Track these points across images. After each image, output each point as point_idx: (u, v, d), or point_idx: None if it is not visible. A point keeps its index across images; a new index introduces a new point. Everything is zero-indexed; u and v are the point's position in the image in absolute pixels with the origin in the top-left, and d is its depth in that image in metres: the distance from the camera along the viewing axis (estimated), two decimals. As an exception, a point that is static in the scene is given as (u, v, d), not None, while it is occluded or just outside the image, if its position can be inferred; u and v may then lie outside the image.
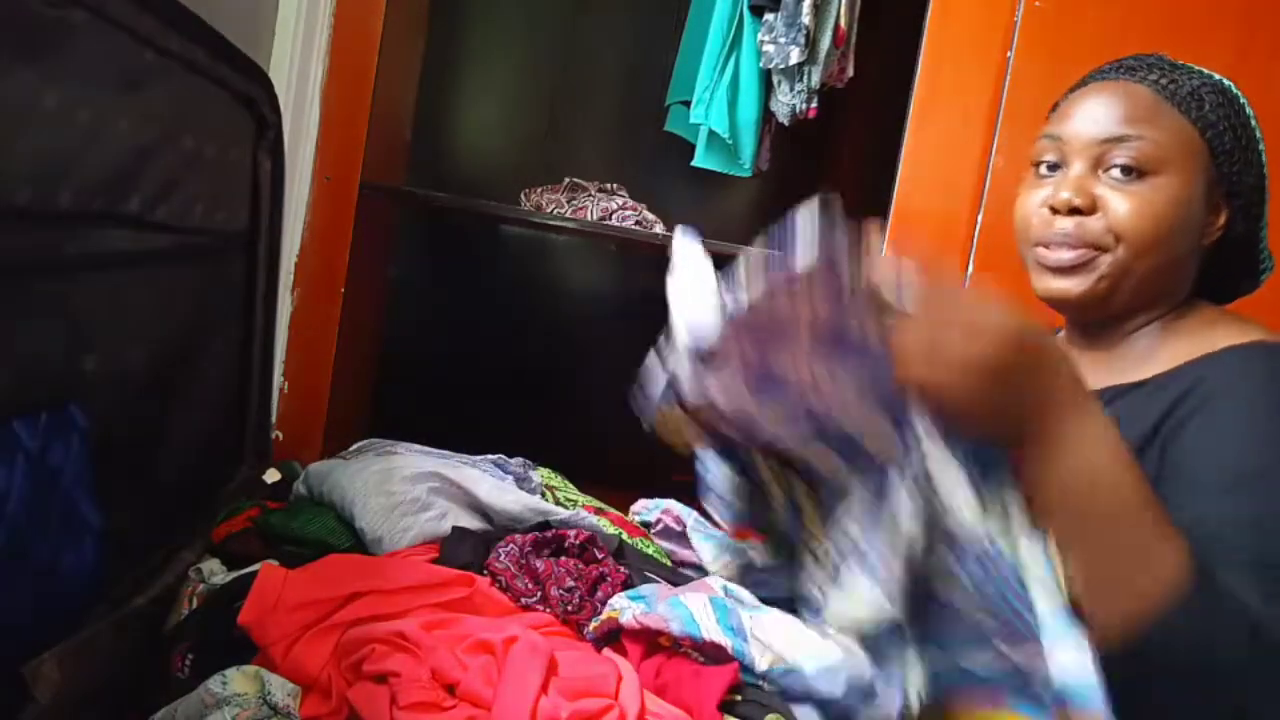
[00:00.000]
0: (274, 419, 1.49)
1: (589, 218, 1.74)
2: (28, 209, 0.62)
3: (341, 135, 1.54)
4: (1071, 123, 0.79)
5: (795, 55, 1.58)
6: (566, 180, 1.85)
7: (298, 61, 1.43)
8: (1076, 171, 0.77)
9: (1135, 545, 0.56)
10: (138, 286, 0.81)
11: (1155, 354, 0.78)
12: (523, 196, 1.83)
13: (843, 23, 1.61)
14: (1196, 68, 0.80)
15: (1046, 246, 0.78)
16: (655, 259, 2.31)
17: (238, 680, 0.56)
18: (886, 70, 1.69)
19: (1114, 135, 0.76)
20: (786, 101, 1.64)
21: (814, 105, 1.64)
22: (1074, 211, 0.76)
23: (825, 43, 1.61)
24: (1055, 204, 0.77)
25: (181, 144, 0.83)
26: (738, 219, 2.09)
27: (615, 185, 1.85)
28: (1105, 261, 0.75)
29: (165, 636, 0.74)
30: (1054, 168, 0.80)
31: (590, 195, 1.80)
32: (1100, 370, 0.80)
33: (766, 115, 1.70)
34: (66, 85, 0.63)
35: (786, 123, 1.67)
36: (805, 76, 1.62)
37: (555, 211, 1.76)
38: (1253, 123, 0.79)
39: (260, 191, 1.04)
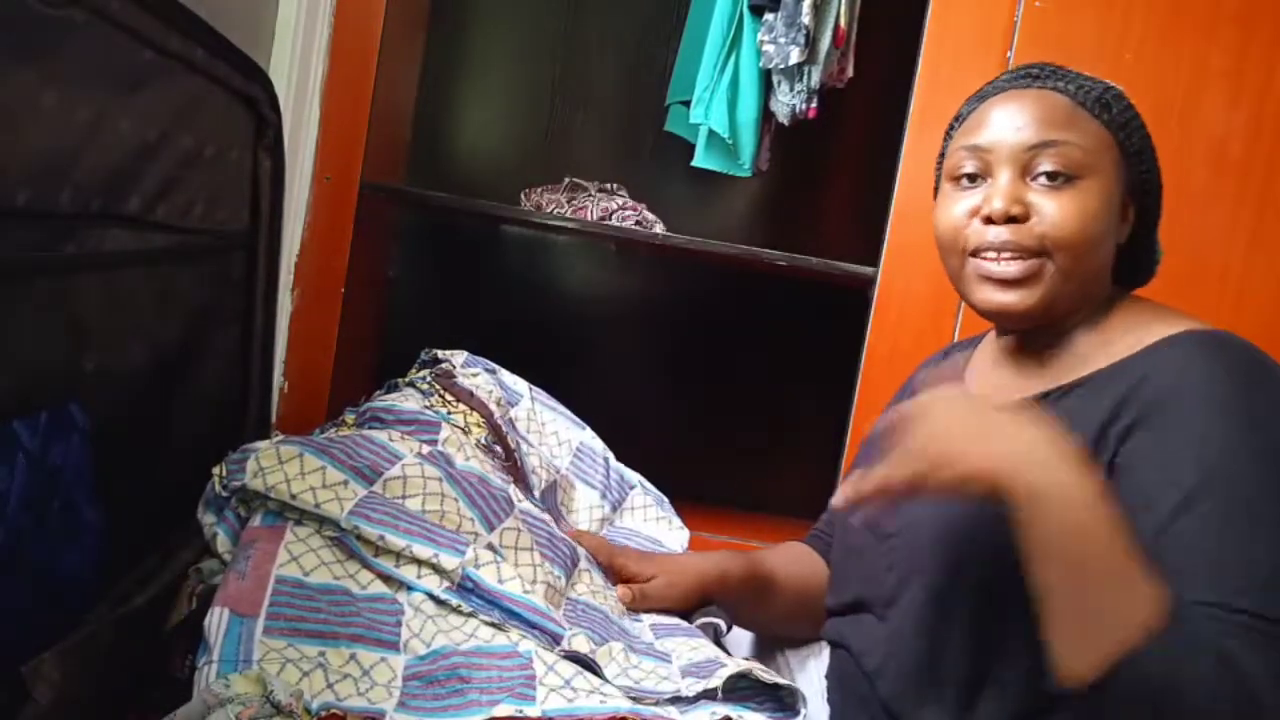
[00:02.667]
0: (274, 419, 1.49)
1: (589, 218, 1.74)
2: (28, 209, 0.62)
3: (341, 135, 1.54)
4: (992, 131, 0.78)
5: (795, 55, 1.58)
6: (566, 180, 1.85)
7: (298, 61, 1.43)
8: (1005, 180, 0.77)
9: (1115, 594, 0.59)
10: (138, 286, 0.81)
11: (1092, 352, 0.78)
12: (523, 196, 1.83)
13: (843, 23, 1.61)
14: (1089, 76, 0.81)
15: (985, 257, 0.77)
16: (655, 259, 2.32)
17: (239, 682, 0.56)
18: (886, 70, 1.70)
19: (1039, 141, 0.76)
20: (786, 101, 1.64)
21: (814, 105, 1.64)
22: (1009, 220, 0.76)
23: (825, 43, 1.61)
24: (991, 214, 0.76)
25: (181, 143, 0.83)
26: (738, 219, 2.09)
27: (615, 185, 1.85)
28: (1044, 271, 0.75)
29: (165, 636, 0.74)
30: (974, 178, 0.79)
31: (590, 195, 1.80)
32: (1039, 373, 0.81)
33: (766, 115, 1.70)
34: (66, 85, 0.63)
35: (786, 123, 1.67)
36: (805, 76, 1.62)
37: (555, 211, 1.75)
38: (1142, 122, 0.81)
39: (260, 191, 1.04)
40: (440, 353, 1.08)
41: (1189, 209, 1.49)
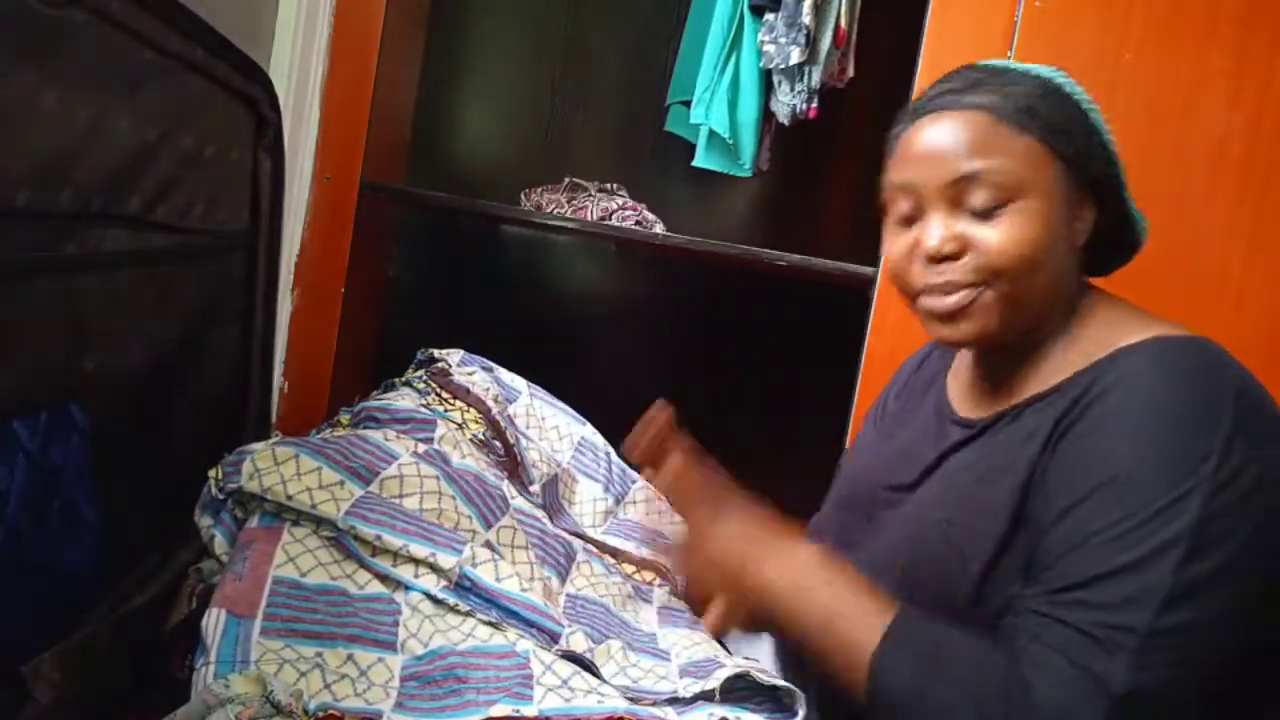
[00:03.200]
0: (274, 419, 1.49)
1: (589, 218, 1.74)
2: (28, 209, 0.62)
3: (341, 135, 1.54)
4: (916, 167, 0.77)
5: (795, 55, 1.58)
6: (566, 180, 1.85)
7: (298, 61, 1.43)
8: (937, 217, 0.75)
9: (836, 628, 0.69)
10: (138, 286, 0.81)
11: (1064, 360, 0.77)
12: (523, 196, 1.83)
13: (843, 23, 1.61)
14: (1018, 68, 0.78)
15: (930, 294, 0.77)
16: (655, 259, 2.32)
17: (239, 682, 0.56)
18: (886, 70, 1.69)
19: (963, 174, 0.73)
20: (787, 101, 1.64)
21: (814, 105, 1.64)
22: (947, 258, 0.75)
23: (825, 43, 1.61)
24: (926, 255, 0.75)
25: (181, 143, 0.83)
26: (738, 219, 2.09)
27: (615, 185, 1.85)
28: (989, 298, 0.74)
29: (165, 636, 0.74)
30: (910, 217, 0.78)
31: (590, 195, 1.80)
32: (1008, 383, 0.80)
33: (767, 115, 1.70)
34: (66, 85, 0.63)
35: (787, 123, 1.67)
36: (805, 76, 1.62)
37: (555, 211, 1.76)
38: (1085, 106, 0.77)
39: (260, 191, 1.04)
40: (436, 352, 1.08)
41: (1189, 209, 1.49)
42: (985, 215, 0.73)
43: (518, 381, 1.12)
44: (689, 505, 0.89)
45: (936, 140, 0.76)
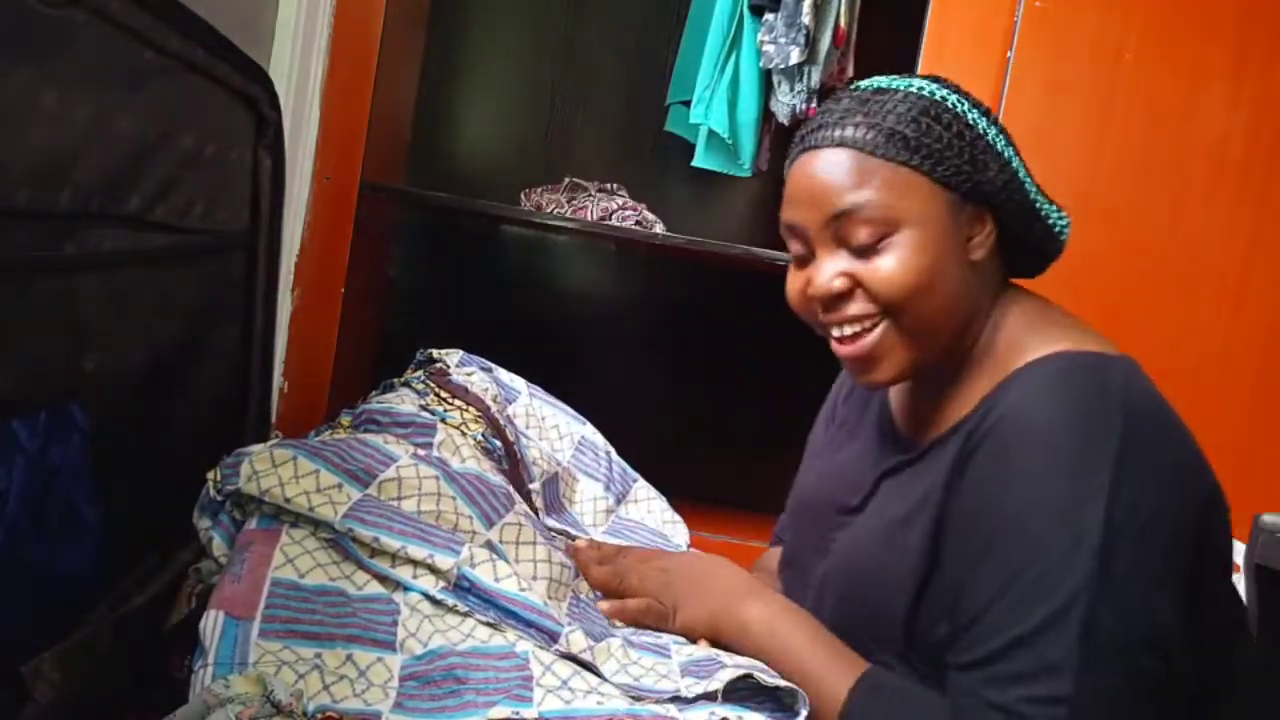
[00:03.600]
0: (274, 419, 1.49)
1: (589, 218, 1.74)
2: (28, 209, 0.62)
3: (341, 135, 1.54)
4: (797, 209, 0.75)
5: (795, 55, 1.58)
6: (566, 180, 1.85)
7: (298, 61, 1.43)
8: (824, 258, 0.74)
9: (809, 674, 0.71)
10: (138, 286, 0.81)
11: (978, 381, 0.75)
12: (523, 196, 1.83)
13: (843, 23, 1.61)
14: (897, 86, 0.76)
15: (835, 336, 0.76)
16: (655, 259, 2.32)
17: (239, 682, 0.56)
18: (886, 70, 1.69)
19: (837, 212, 0.72)
20: (786, 101, 1.64)
21: (814, 105, 1.64)
22: (839, 296, 0.74)
23: (825, 43, 1.61)
24: (816, 297, 0.75)
25: (181, 143, 0.83)
26: (738, 219, 2.09)
27: (615, 185, 1.85)
28: (892, 336, 0.73)
29: (164, 636, 0.74)
30: (805, 258, 0.77)
31: (590, 195, 1.80)
32: (947, 406, 0.78)
33: (766, 115, 1.70)
34: (66, 85, 0.63)
35: (786, 123, 1.67)
36: (805, 76, 1.62)
37: (555, 211, 1.76)
38: (970, 116, 0.74)
39: (260, 191, 1.04)
40: (435, 352, 1.08)
41: (1189, 209, 1.49)
42: (869, 251, 0.72)
43: (517, 381, 1.12)
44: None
45: (811, 178, 0.74)
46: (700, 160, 1.72)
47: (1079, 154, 1.47)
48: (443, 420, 0.92)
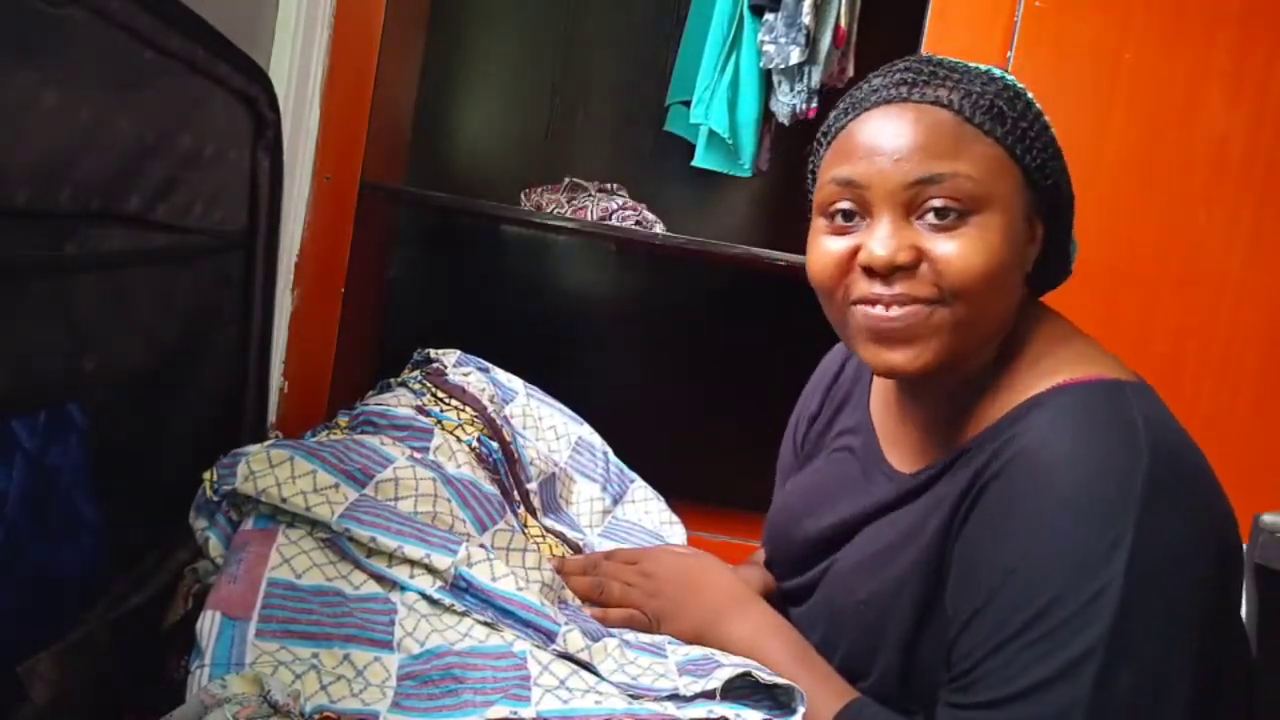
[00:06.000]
0: (274, 419, 1.49)
1: (589, 218, 1.74)
2: (28, 209, 0.62)
3: (341, 135, 1.54)
4: (867, 163, 0.66)
5: (795, 55, 1.58)
6: (566, 180, 1.85)
7: (298, 61, 1.43)
8: (886, 222, 0.65)
9: (804, 684, 0.67)
10: (137, 286, 0.81)
11: (991, 404, 0.69)
12: (523, 196, 1.83)
13: (843, 23, 1.61)
14: (974, 68, 0.69)
15: (872, 308, 0.67)
16: (655, 259, 2.32)
17: (236, 682, 0.56)
18: (886, 70, 1.69)
19: (924, 176, 0.64)
20: (786, 101, 1.64)
21: (814, 105, 1.64)
22: (898, 269, 0.65)
23: (825, 43, 1.61)
24: (874, 265, 0.65)
25: (181, 143, 0.83)
26: (738, 219, 2.09)
27: (615, 185, 1.85)
28: (941, 320, 0.65)
29: (162, 636, 0.74)
30: (850, 215, 0.68)
31: (590, 195, 1.80)
32: (948, 430, 0.72)
33: (766, 115, 1.70)
34: (67, 85, 0.63)
35: (786, 123, 1.67)
36: (805, 76, 1.62)
37: (555, 211, 1.76)
38: (1045, 117, 0.69)
39: (259, 191, 1.04)
40: (433, 352, 1.08)
41: (1189, 209, 1.49)
42: (942, 227, 0.64)
43: (514, 382, 1.12)
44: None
45: (892, 136, 0.65)
46: (700, 160, 1.72)
47: (1079, 154, 1.45)
48: (439, 421, 0.92)
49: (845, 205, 0.68)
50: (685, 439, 2.03)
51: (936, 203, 0.64)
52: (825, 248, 0.69)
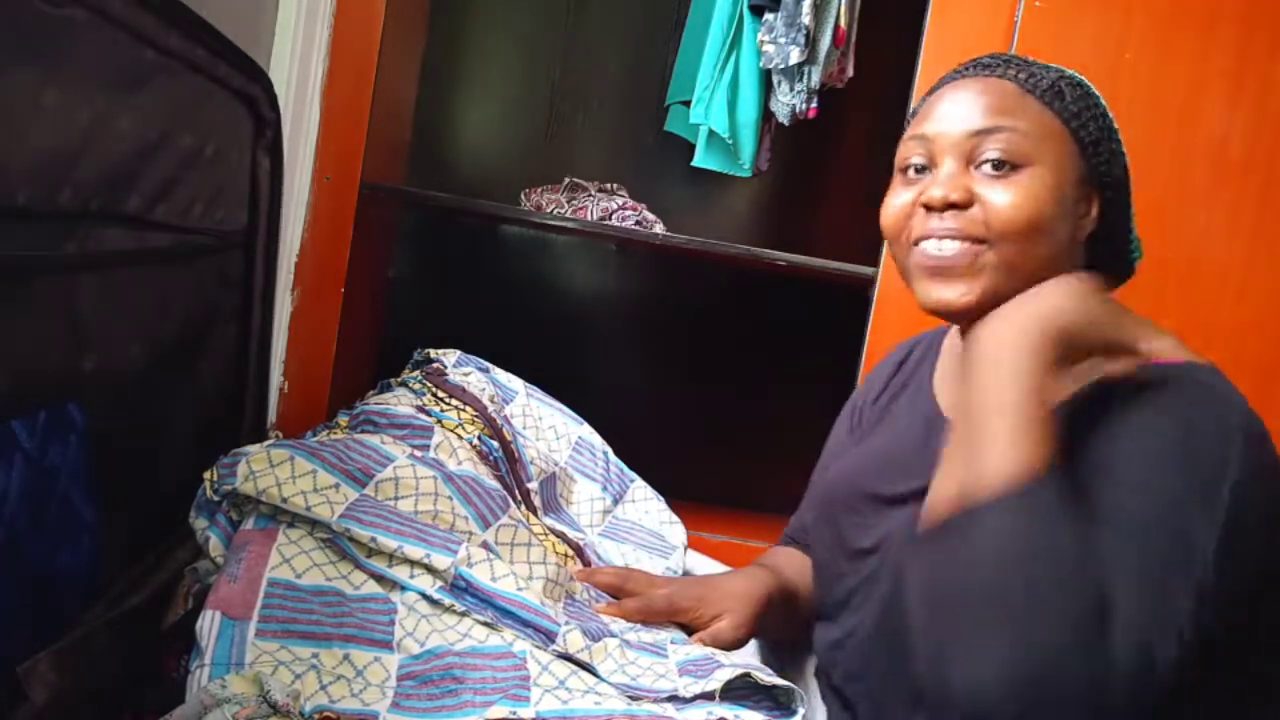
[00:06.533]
0: (274, 419, 1.49)
1: (589, 218, 1.74)
2: (28, 208, 0.62)
3: (341, 135, 1.54)
4: (936, 121, 0.77)
5: (795, 55, 1.58)
6: (566, 180, 1.85)
7: (298, 61, 1.43)
8: (948, 168, 0.75)
9: (994, 431, 0.63)
10: (137, 285, 0.81)
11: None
12: (523, 196, 1.83)
13: (843, 23, 1.61)
14: (1051, 65, 0.79)
15: (927, 244, 0.75)
16: (655, 259, 2.31)
17: (236, 682, 0.56)
18: (886, 70, 1.69)
19: (981, 128, 0.74)
20: (786, 101, 1.64)
21: (814, 105, 1.64)
22: (950, 206, 0.74)
23: (825, 43, 1.61)
24: (930, 201, 0.74)
25: (181, 143, 0.83)
26: (738, 219, 2.09)
27: (615, 185, 1.85)
28: (989, 259, 0.73)
29: (161, 636, 0.74)
30: (922, 170, 0.78)
31: (590, 195, 1.80)
32: None
33: (766, 115, 1.70)
34: (67, 84, 0.63)
35: (786, 123, 1.67)
36: (805, 76, 1.62)
37: (555, 211, 1.75)
38: (1110, 116, 0.78)
39: (259, 190, 1.04)
40: (433, 352, 1.08)
41: (1189, 209, 1.48)
42: (995, 176, 0.73)
43: (514, 381, 1.12)
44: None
45: (960, 98, 0.76)
46: (700, 160, 1.72)
47: (1079, 154, 1.46)
48: (439, 421, 0.92)
49: (916, 160, 0.78)
50: (685, 439, 2.03)
51: (992, 154, 0.73)
52: (896, 196, 0.79)
